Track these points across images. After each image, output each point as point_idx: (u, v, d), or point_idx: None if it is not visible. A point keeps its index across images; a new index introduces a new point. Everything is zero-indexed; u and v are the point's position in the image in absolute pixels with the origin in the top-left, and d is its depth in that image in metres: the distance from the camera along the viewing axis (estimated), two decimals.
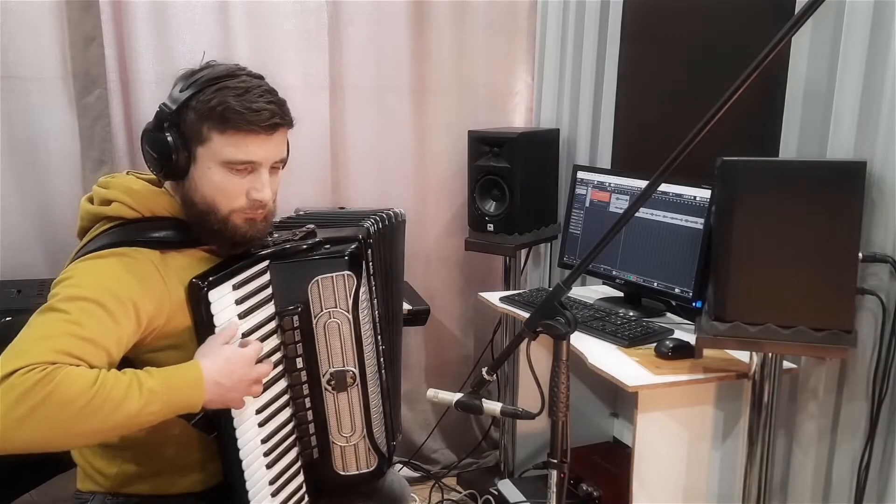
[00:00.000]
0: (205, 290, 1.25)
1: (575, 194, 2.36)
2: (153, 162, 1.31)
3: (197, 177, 1.29)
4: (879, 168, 1.53)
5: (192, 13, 2.34)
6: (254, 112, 1.25)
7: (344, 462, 1.47)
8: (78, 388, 1.05)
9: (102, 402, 1.06)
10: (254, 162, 1.28)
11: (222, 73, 1.28)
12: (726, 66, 2.06)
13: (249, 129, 1.25)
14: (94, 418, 1.06)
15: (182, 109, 1.27)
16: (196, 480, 1.38)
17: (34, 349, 1.07)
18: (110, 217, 1.30)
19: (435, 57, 2.68)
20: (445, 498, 2.68)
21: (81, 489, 1.40)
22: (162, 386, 1.14)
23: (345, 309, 1.39)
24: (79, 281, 1.19)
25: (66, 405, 1.04)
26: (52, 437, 1.06)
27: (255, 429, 1.34)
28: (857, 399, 1.62)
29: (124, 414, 1.09)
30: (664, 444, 1.73)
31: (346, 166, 2.63)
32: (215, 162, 1.27)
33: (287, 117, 1.32)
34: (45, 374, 1.04)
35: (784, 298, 1.45)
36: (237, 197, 1.29)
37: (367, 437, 1.47)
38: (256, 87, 1.28)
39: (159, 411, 1.13)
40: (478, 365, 2.91)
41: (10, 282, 2.17)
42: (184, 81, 1.30)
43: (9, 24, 2.17)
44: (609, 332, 1.90)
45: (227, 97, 1.25)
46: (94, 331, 1.13)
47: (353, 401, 1.44)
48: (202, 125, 1.26)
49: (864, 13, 1.54)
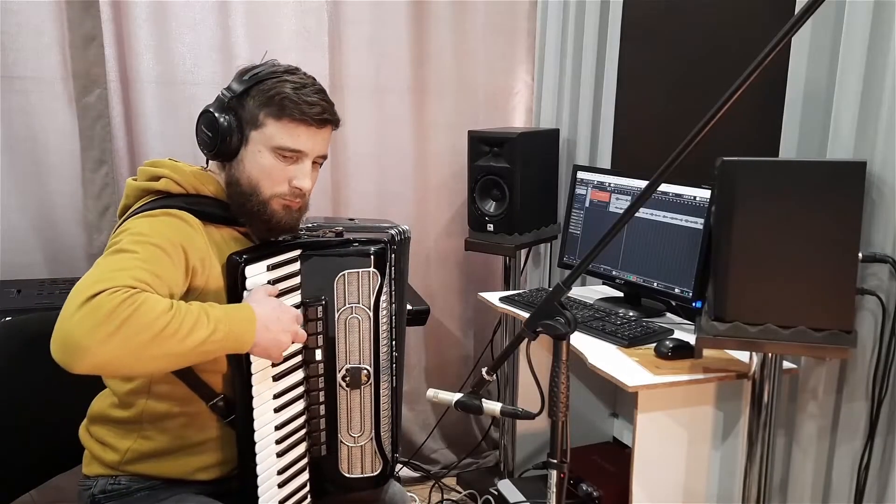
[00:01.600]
0: (242, 266, 1.32)
1: (575, 194, 2.36)
2: (208, 141, 1.38)
3: (246, 159, 1.37)
4: (879, 168, 1.53)
5: (192, 13, 2.34)
6: (308, 105, 1.35)
7: (350, 463, 1.49)
8: (158, 311, 1.12)
9: (178, 326, 1.13)
10: (301, 151, 1.37)
11: (282, 70, 1.39)
12: (726, 66, 2.06)
13: (302, 120, 1.35)
14: (171, 341, 1.13)
15: (242, 96, 1.37)
16: (203, 465, 1.40)
17: (115, 276, 1.14)
18: (158, 191, 1.37)
19: (435, 57, 2.68)
20: (445, 498, 2.68)
21: (87, 473, 1.43)
22: (224, 316, 1.21)
23: (367, 306, 1.44)
24: (139, 230, 1.25)
25: (147, 326, 1.10)
26: (131, 356, 1.11)
27: (271, 413, 1.37)
28: (857, 399, 1.62)
29: (195, 339, 1.15)
30: (664, 444, 1.73)
31: (346, 166, 2.63)
32: (266, 146, 1.36)
33: (336, 116, 1.42)
34: (129, 295, 1.11)
35: (784, 298, 1.45)
36: (281, 182, 1.38)
37: (374, 440, 1.49)
38: (311, 85, 1.39)
39: (223, 340, 1.20)
40: (478, 365, 2.92)
41: (10, 282, 2.17)
42: (245, 73, 1.39)
43: (9, 24, 2.17)
44: (609, 332, 1.90)
45: (285, 89, 1.35)
46: (162, 270, 1.21)
47: (365, 400, 1.47)
48: (259, 111, 1.35)
49: (864, 13, 1.54)
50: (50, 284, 2.17)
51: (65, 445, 1.54)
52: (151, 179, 1.38)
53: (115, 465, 1.39)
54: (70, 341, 1.07)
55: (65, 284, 2.18)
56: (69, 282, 2.21)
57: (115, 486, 1.39)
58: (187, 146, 2.33)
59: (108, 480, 1.39)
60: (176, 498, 1.38)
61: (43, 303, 1.99)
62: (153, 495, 1.38)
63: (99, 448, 1.41)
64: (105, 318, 1.08)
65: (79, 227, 2.34)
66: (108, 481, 1.39)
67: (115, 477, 1.39)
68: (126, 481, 1.39)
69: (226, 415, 1.38)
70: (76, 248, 2.35)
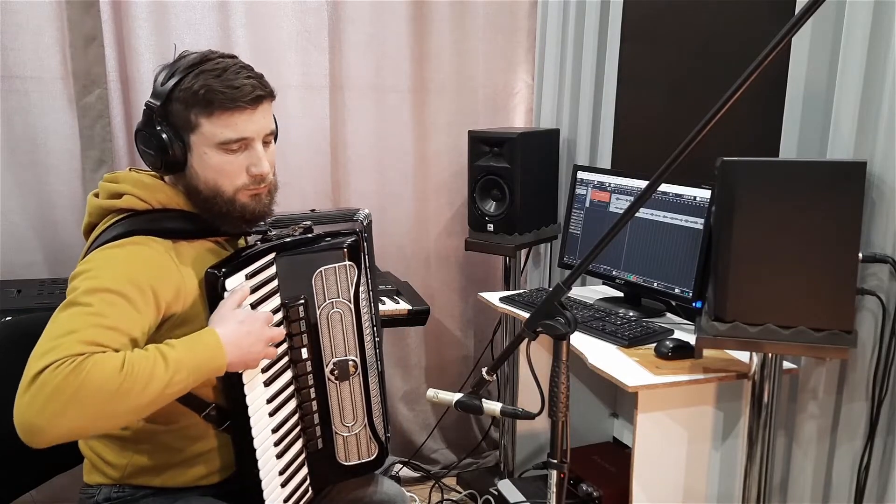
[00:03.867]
0: (222, 279, 1.29)
1: (575, 194, 2.36)
2: (151, 159, 1.33)
3: (196, 164, 1.32)
4: (879, 168, 1.53)
5: (192, 13, 2.34)
6: (235, 89, 1.28)
7: (346, 451, 1.50)
8: (108, 372, 1.09)
9: (133, 382, 1.10)
10: (246, 138, 1.31)
11: (197, 60, 1.31)
12: (726, 66, 2.06)
13: (235, 107, 1.28)
14: (129, 398, 1.10)
15: (167, 102, 1.30)
16: (204, 474, 1.39)
17: (61, 344, 1.10)
18: (121, 209, 1.33)
19: (435, 57, 2.68)
20: (445, 498, 2.68)
21: (88, 482, 1.41)
22: (185, 354, 1.18)
23: (347, 299, 1.44)
24: (98, 273, 1.21)
25: (98, 391, 1.07)
26: (91, 423, 1.10)
27: (267, 418, 1.37)
28: (857, 399, 1.62)
29: (155, 388, 1.12)
30: (664, 444, 1.73)
31: (346, 166, 2.63)
32: (209, 146, 1.30)
33: (268, 88, 1.34)
34: (75, 365, 1.07)
35: (784, 298, 1.45)
36: (238, 175, 1.33)
37: (367, 426, 1.51)
38: (233, 66, 1.30)
39: (187, 378, 1.17)
40: (478, 365, 2.91)
41: (10, 282, 2.17)
42: (162, 75, 1.33)
43: (9, 24, 2.17)
44: (609, 332, 1.90)
45: (207, 80, 1.27)
46: (118, 320, 1.16)
47: (355, 389, 1.48)
48: (189, 113, 1.29)
49: (864, 13, 1.54)
50: (50, 284, 2.17)
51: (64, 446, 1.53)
52: (113, 197, 1.33)
53: (118, 479, 1.38)
54: (24, 423, 1.06)
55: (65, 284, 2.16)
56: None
57: (120, 493, 1.38)
58: None
59: (113, 489, 1.38)
60: (182, 502, 1.37)
61: (43, 303, 1.98)
62: (158, 501, 1.37)
63: (98, 460, 1.39)
64: (51, 396, 1.05)
65: (79, 228, 2.31)
66: (111, 489, 1.38)
67: (118, 486, 1.38)
68: (130, 489, 1.38)
69: (220, 423, 1.36)
70: (76, 248, 2.32)
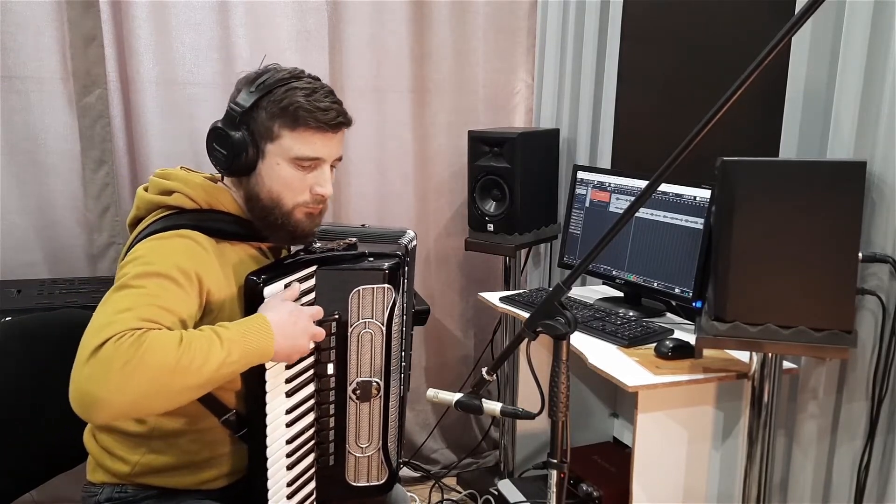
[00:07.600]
0: (261, 287, 1.30)
1: (575, 194, 2.36)
2: (222, 158, 1.35)
3: (264, 173, 1.35)
4: (879, 168, 1.53)
5: (192, 13, 2.34)
6: (322, 111, 1.33)
7: (356, 473, 1.49)
8: (168, 347, 1.10)
9: (192, 359, 1.11)
10: (319, 158, 1.36)
11: (287, 76, 1.35)
12: (726, 66, 2.06)
13: (318, 127, 1.33)
14: (187, 374, 1.11)
15: (253, 109, 1.33)
16: (211, 478, 1.39)
17: (119, 319, 1.11)
18: (170, 206, 1.34)
19: (435, 57, 2.68)
20: (445, 498, 2.68)
21: (92, 480, 1.41)
22: (238, 335, 1.19)
23: (380, 321, 1.42)
24: (147, 259, 1.22)
25: (159, 366, 1.09)
26: (150, 398, 1.10)
27: (283, 428, 1.37)
28: (857, 399, 1.62)
29: (211, 367, 1.13)
30: (664, 444, 1.73)
31: (345, 166, 2.62)
32: (284, 158, 1.34)
33: (348, 117, 1.40)
34: (136, 337, 1.09)
35: (784, 298, 1.45)
36: (302, 192, 1.36)
37: (381, 450, 1.49)
38: (321, 88, 1.36)
39: (240, 359, 1.18)
40: (478, 365, 2.92)
41: (10, 282, 2.17)
42: (250, 84, 1.35)
43: (9, 24, 2.17)
44: (609, 332, 1.90)
45: (296, 97, 1.32)
46: (170, 301, 1.18)
47: (374, 412, 1.47)
48: (273, 123, 1.32)
49: (864, 13, 1.54)
50: (50, 284, 2.17)
51: (65, 446, 1.54)
52: (163, 193, 1.35)
53: (124, 477, 1.37)
54: (86, 397, 1.07)
55: (65, 284, 2.18)
56: (69, 282, 2.21)
57: (122, 494, 1.38)
58: (187, 146, 2.35)
59: (115, 489, 1.38)
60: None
61: (43, 303, 1.99)
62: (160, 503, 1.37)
63: (107, 458, 1.39)
64: (115, 368, 1.06)
65: (79, 227, 2.34)
66: (114, 489, 1.38)
67: (121, 485, 1.38)
68: (132, 490, 1.38)
69: (237, 429, 1.36)
70: (76, 248, 2.35)
